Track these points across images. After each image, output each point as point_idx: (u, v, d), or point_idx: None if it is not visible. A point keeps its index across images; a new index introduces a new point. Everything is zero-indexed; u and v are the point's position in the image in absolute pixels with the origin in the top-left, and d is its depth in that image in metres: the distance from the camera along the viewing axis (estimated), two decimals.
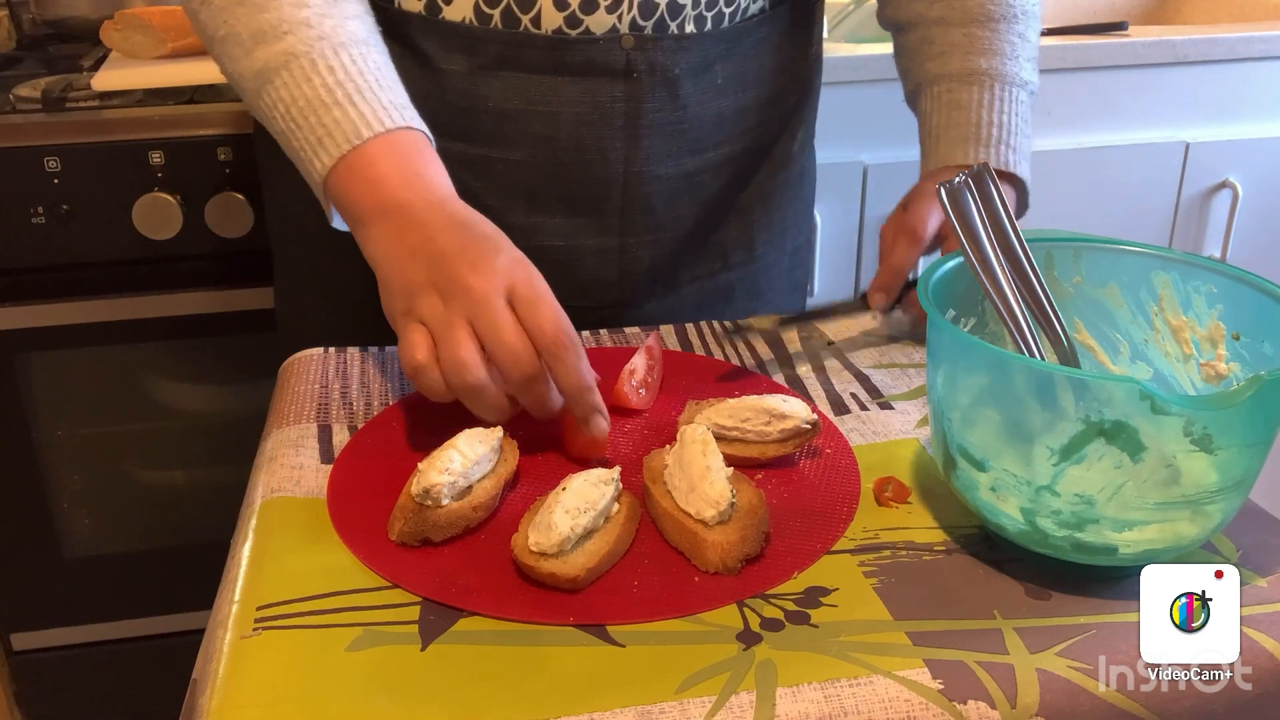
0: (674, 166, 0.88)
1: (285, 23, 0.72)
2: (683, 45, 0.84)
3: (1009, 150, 0.86)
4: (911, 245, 0.82)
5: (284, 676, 0.51)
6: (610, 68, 0.82)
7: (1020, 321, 0.62)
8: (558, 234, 0.88)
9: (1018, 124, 0.87)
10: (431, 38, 0.83)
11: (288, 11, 0.72)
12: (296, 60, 0.72)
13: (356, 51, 0.73)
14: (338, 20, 0.73)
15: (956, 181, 0.63)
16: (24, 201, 1.16)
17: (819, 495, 0.65)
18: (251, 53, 0.73)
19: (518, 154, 0.85)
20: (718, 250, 0.95)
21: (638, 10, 0.81)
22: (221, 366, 1.33)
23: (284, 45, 0.72)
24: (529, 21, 0.80)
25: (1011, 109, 0.87)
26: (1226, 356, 0.64)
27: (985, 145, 0.86)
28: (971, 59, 0.87)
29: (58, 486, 1.32)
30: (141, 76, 1.24)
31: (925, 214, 0.82)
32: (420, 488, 0.60)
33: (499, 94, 0.83)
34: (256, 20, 0.73)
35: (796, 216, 1.01)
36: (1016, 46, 0.88)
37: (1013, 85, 0.87)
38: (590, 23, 0.81)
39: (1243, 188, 1.49)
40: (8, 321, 1.22)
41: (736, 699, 0.50)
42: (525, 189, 0.86)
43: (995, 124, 0.86)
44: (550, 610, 0.55)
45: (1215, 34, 1.44)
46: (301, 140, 0.72)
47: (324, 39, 0.72)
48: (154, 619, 1.39)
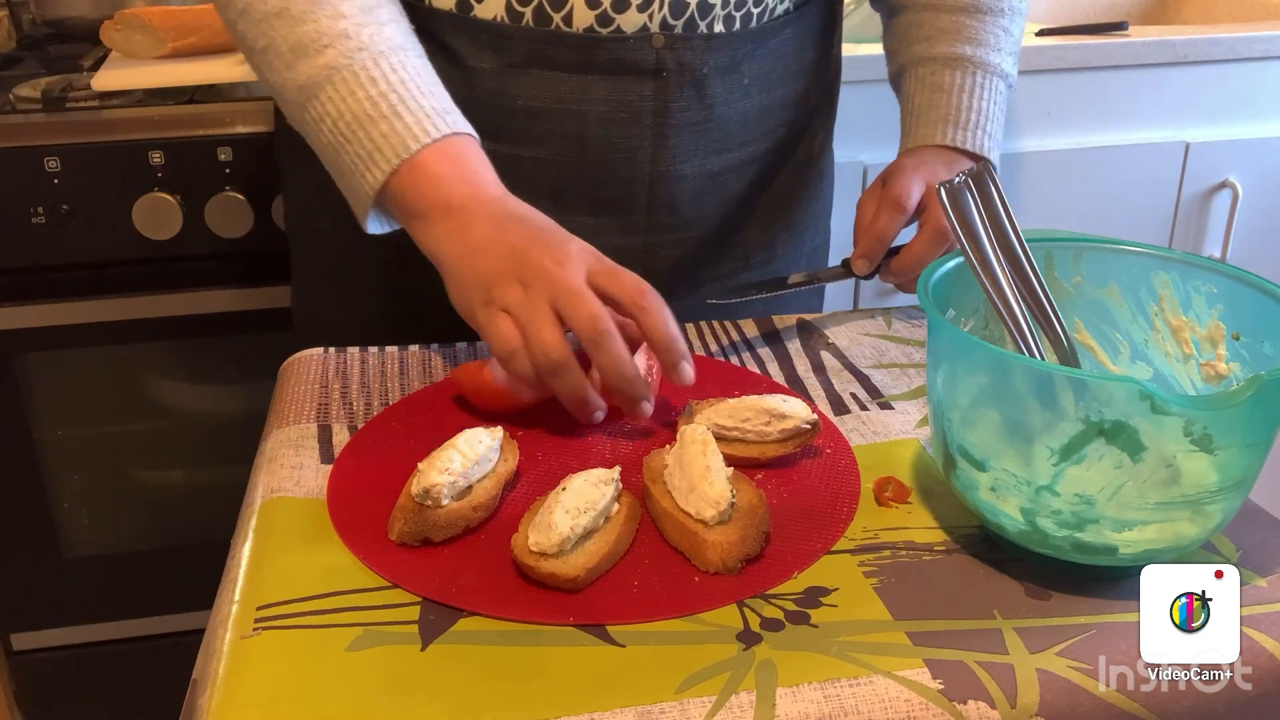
0: (699, 166, 0.88)
1: (324, 35, 0.73)
2: (711, 45, 0.85)
3: (984, 135, 0.89)
4: (895, 215, 0.84)
5: (284, 676, 0.51)
6: (640, 67, 0.83)
7: (1020, 321, 0.62)
8: (583, 232, 0.87)
9: (994, 111, 0.90)
10: (461, 36, 0.83)
11: (325, 24, 0.73)
12: (339, 74, 0.72)
13: (396, 60, 0.73)
14: (374, 29, 0.74)
15: (956, 181, 0.63)
16: (24, 201, 1.16)
17: (819, 495, 0.65)
18: (293, 66, 0.74)
19: (545, 152, 0.86)
20: (739, 250, 0.96)
21: (668, 9, 0.82)
22: (221, 366, 1.33)
23: (325, 59, 0.73)
24: (560, 20, 0.81)
25: (990, 97, 0.89)
26: (1226, 356, 0.64)
27: (962, 128, 0.88)
28: (956, 45, 0.90)
29: (58, 486, 1.32)
30: (141, 76, 1.24)
31: (908, 186, 0.84)
32: (420, 488, 0.60)
33: (528, 92, 0.84)
34: (295, 33, 0.73)
35: (815, 217, 1.02)
36: (1000, 39, 0.91)
37: (993, 75, 0.90)
38: (621, 21, 0.81)
39: (1243, 188, 1.49)
40: (8, 321, 1.22)
41: (736, 699, 0.50)
42: (551, 187, 0.87)
43: (973, 109, 0.88)
44: (550, 610, 0.55)
45: (1215, 34, 1.44)
46: (351, 155, 0.73)
47: (364, 50, 0.73)
48: (154, 619, 1.39)
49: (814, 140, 0.99)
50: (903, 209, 0.83)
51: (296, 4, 0.74)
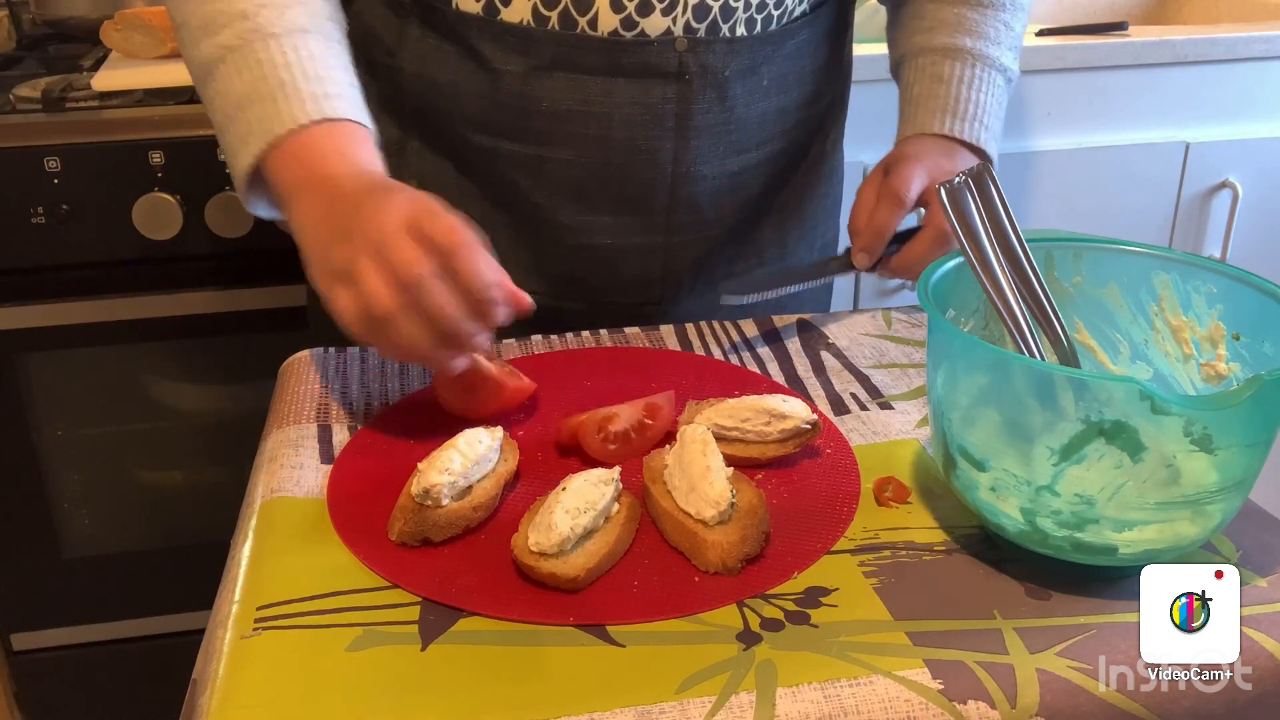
0: (719, 166, 0.89)
1: (224, 15, 0.73)
2: (733, 48, 0.85)
3: (980, 127, 0.89)
4: (895, 208, 0.84)
5: (284, 676, 0.51)
6: (663, 70, 0.84)
7: (1020, 321, 0.62)
8: (605, 232, 0.89)
9: (991, 104, 0.90)
10: (487, 39, 0.84)
11: (228, 3, 0.73)
12: (232, 54, 0.72)
13: (289, 42, 0.72)
14: (275, 11, 0.73)
15: (956, 181, 0.63)
16: (24, 201, 1.16)
17: (819, 495, 0.65)
18: (198, 43, 0.74)
19: (569, 154, 0.86)
20: (753, 248, 0.97)
21: (692, 13, 0.82)
22: (221, 366, 1.33)
23: (221, 39, 0.72)
24: (586, 24, 0.82)
25: (988, 89, 0.90)
26: (1226, 356, 0.64)
27: (960, 119, 0.88)
28: (957, 37, 0.90)
29: (58, 486, 1.32)
30: (141, 76, 1.24)
31: (909, 179, 0.84)
32: (420, 488, 0.60)
33: (553, 95, 0.84)
34: (202, 11, 0.74)
35: (825, 214, 1.03)
36: (1001, 33, 0.91)
37: (992, 68, 0.90)
38: (645, 25, 0.82)
39: (1243, 188, 1.49)
40: (8, 321, 1.22)
41: (736, 699, 0.50)
42: (575, 188, 0.87)
43: (971, 100, 0.89)
44: (550, 610, 0.55)
45: (1215, 34, 1.44)
46: (232, 135, 0.72)
47: (257, 31, 0.72)
48: (154, 619, 1.39)
49: (826, 139, 1.00)
50: (902, 203, 0.83)
51: None
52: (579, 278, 0.80)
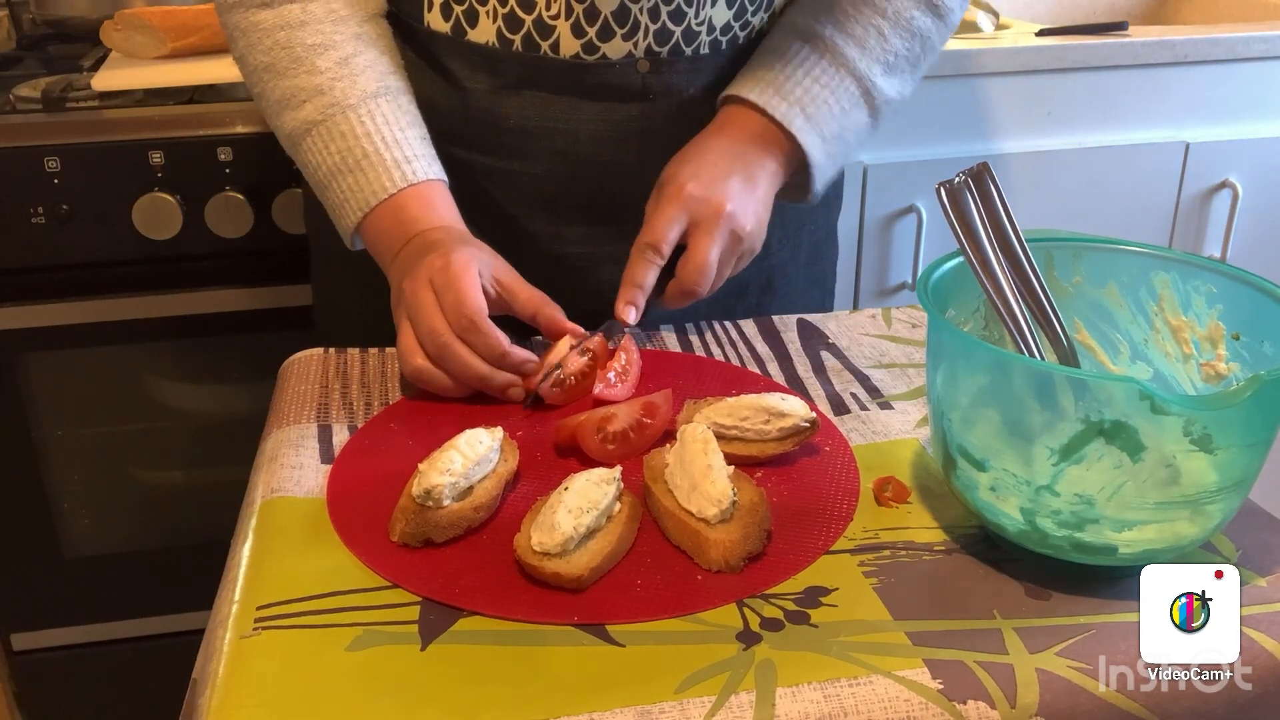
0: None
1: (303, 91, 0.81)
2: (696, 66, 0.85)
3: (802, 117, 0.84)
4: (650, 265, 0.79)
5: (284, 676, 0.51)
6: (626, 90, 0.84)
7: (1020, 321, 0.62)
8: (579, 242, 0.90)
9: (827, 100, 0.85)
10: (457, 58, 0.85)
11: (304, 79, 0.81)
12: (315, 128, 0.81)
13: (365, 110, 0.80)
14: (348, 82, 0.81)
15: (956, 181, 0.63)
16: (24, 201, 1.16)
17: (819, 494, 0.65)
18: (280, 115, 0.83)
19: (538, 168, 0.87)
20: None
21: (653, 38, 0.83)
22: (221, 366, 1.33)
23: (303, 114, 0.81)
24: (548, 47, 0.82)
25: (829, 85, 0.85)
26: (1226, 356, 0.64)
27: (779, 96, 0.84)
28: (820, 24, 0.86)
29: (58, 486, 1.32)
30: (141, 76, 1.24)
31: (665, 224, 0.79)
32: (421, 489, 0.60)
33: (520, 112, 0.86)
34: (280, 87, 0.82)
35: (810, 213, 1.01)
36: (870, 37, 0.86)
37: (843, 69, 0.85)
38: (607, 49, 0.82)
39: (1243, 188, 1.49)
40: (8, 321, 1.22)
41: (736, 699, 0.50)
42: (546, 200, 0.89)
43: (801, 85, 0.84)
44: (553, 610, 0.55)
45: (1215, 34, 1.44)
46: (330, 201, 0.83)
47: (335, 105, 0.80)
48: (154, 619, 1.39)
49: None
50: (659, 255, 0.79)
51: (281, 60, 0.81)
52: (555, 287, 0.79)
